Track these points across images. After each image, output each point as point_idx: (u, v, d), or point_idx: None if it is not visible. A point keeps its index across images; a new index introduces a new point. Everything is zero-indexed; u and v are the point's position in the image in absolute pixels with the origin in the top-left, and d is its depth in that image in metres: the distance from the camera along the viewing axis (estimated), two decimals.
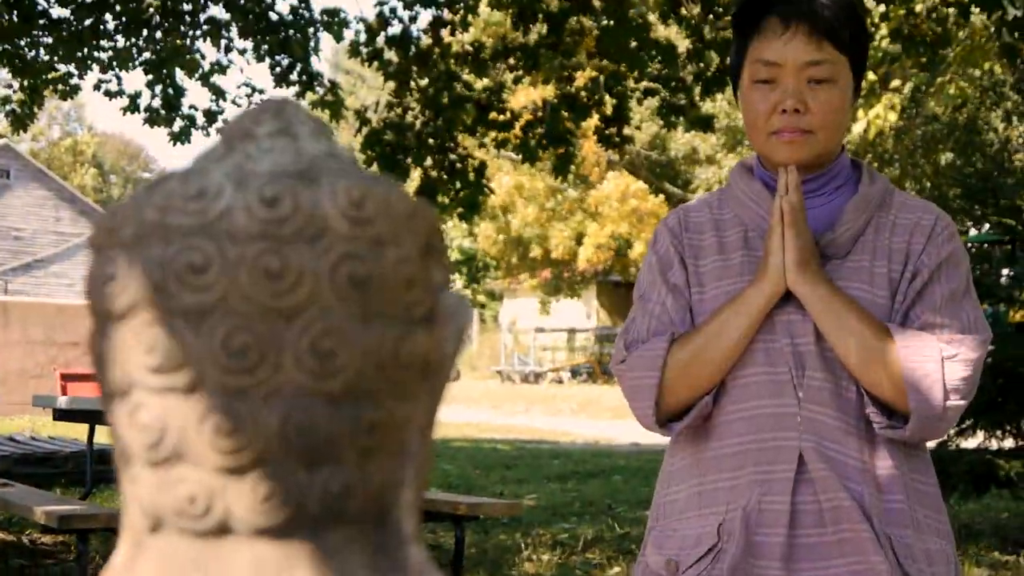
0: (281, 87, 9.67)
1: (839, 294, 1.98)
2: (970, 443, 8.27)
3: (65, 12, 9.19)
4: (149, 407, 0.68)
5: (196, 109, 9.91)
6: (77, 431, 12.64)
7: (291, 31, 9.48)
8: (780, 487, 1.95)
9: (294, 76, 9.69)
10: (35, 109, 9.91)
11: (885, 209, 2.09)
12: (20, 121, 9.91)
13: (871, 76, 14.91)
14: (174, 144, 9.76)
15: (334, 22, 9.55)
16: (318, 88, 9.78)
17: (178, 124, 9.79)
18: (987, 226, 9.90)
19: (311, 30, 9.60)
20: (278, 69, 9.65)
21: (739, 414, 2.02)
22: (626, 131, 9.51)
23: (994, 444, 8.02)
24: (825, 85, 2.04)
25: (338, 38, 9.63)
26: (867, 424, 1.98)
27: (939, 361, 1.94)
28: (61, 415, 8.81)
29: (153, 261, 0.67)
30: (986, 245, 12.53)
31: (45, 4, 9.09)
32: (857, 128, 17.41)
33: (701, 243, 2.12)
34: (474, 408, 23.31)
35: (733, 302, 2.02)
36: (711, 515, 2.01)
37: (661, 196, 30.56)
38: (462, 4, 9.07)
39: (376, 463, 0.71)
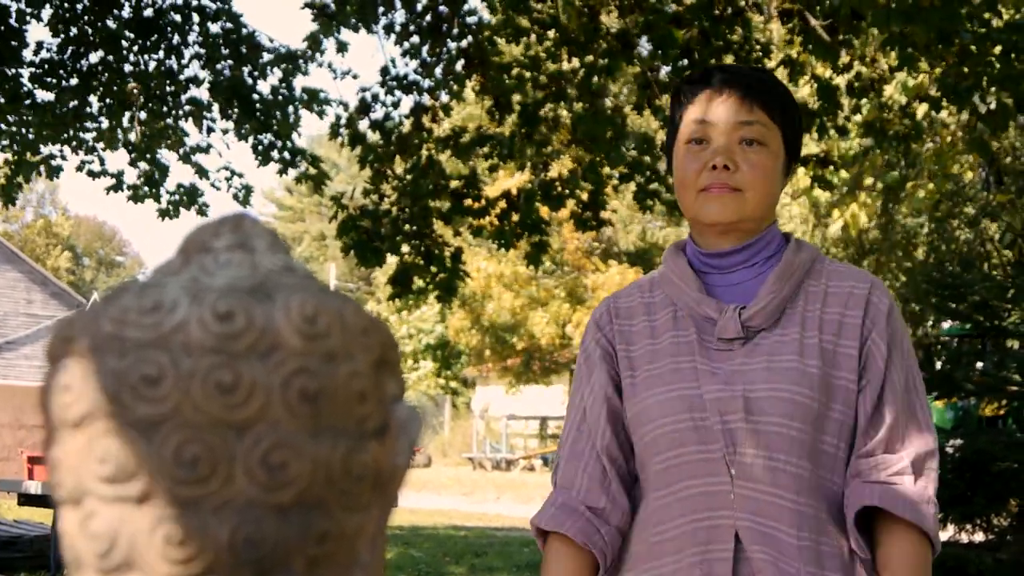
0: (265, 165, 9.74)
1: None
2: (940, 537, 8.27)
3: (49, 96, 9.25)
4: (101, 516, 0.69)
5: (183, 187, 10.01)
6: (43, 514, 12.51)
7: (272, 109, 9.55)
8: (721, 567, 1.95)
9: (275, 154, 9.76)
10: (26, 182, 9.93)
11: (815, 277, 2.10)
12: (7, 194, 9.92)
13: (844, 174, 15.05)
14: (163, 219, 9.81)
15: (315, 101, 9.62)
16: (300, 163, 9.85)
17: (165, 199, 9.91)
18: (957, 321, 9.98)
19: (291, 108, 9.67)
20: (260, 148, 9.72)
21: (674, 496, 2.02)
22: (602, 215, 9.58)
23: (964, 538, 8.02)
24: (756, 146, 2.08)
25: (320, 115, 9.69)
26: (805, 499, 1.97)
27: (929, 502, 2.06)
28: (26, 500, 8.73)
29: (108, 372, 0.68)
30: (956, 340, 12.61)
31: (30, 86, 9.15)
32: (834, 228, 17.56)
33: (632, 329, 2.16)
34: (445, 495, 23.17)
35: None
36: None
37: None
38: (446, 91, 9.16)
39: (326, 573, 0.72)
